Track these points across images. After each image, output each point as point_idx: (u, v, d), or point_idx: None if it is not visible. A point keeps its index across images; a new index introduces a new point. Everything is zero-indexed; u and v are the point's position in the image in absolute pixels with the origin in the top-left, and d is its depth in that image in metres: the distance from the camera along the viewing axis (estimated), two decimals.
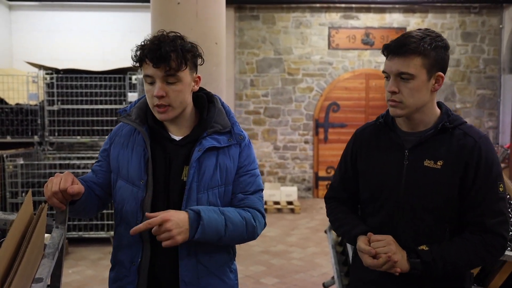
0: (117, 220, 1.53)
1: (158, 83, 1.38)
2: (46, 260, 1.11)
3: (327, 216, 1.70)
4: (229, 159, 1.49)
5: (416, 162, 1.44)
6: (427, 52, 1.38)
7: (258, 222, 1.50)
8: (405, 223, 1.44)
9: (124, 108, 1.55)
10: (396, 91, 1.40)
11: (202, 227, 1.35)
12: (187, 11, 3.00)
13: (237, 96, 7.57)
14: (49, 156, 5.31)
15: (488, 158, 1.40)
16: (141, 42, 1.43)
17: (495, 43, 7.52)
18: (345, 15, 7.45)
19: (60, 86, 5.17)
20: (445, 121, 1.45)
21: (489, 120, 7.63)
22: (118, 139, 1.54)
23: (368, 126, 1.62)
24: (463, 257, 1.37)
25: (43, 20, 7.18)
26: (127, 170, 1.47)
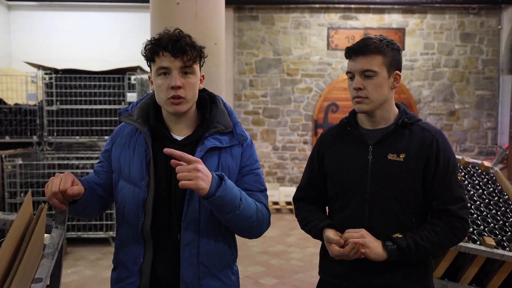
0: (118, 221, 1.53)
1: (175, 74, 1.40)
2: (45, 260, 1.11)
3: (295, 217, 1.77)
4: (232, 159, 1.49)
5: (380, 156, 1.56)
6: (386, 52, 1.53)
7: (265, 214, 1.51)
8: (374, 215, 1.54)
9: (126, 108, 1.55)
10: (361, 87, 1.53)
11: (223, 187, 1.33)
12: (186, 11, 3.00)
13: (236, 96, 7.57)
14: (48, 156, 5.31)
15: (445, 150, 1.55)
16: (152, 39, 1.44)
17: (493, 44, 7.53)
18: (344, 16, 7.46)
19: (59, 86, 5.17)
20: (404, 118, 1.58)
21: (488, 121, 7.64)
22: (120, 140, 1.54)
23: (333, 128, 1.74)
24: (433, 241, 1.48)
25: (42, 20, 7.17)
26: (129, 171, 1.47)
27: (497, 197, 2.52)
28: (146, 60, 1.47)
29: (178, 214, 1.44)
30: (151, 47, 1.41)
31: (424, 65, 7.52)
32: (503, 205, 2.47)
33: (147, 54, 1.43)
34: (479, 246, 2.10)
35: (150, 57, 1.42)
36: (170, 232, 1.45)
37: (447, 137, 1.64)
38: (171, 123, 1.49)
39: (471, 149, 7.63)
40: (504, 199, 2.52)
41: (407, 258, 1.48)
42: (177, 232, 1.44)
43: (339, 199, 1.62)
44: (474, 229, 2.22)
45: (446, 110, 7.57)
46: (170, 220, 1.45)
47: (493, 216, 2.37)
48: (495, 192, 2.56)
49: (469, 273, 2.16)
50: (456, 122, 7.61)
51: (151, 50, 1.41)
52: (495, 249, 2.10)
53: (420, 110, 7.53)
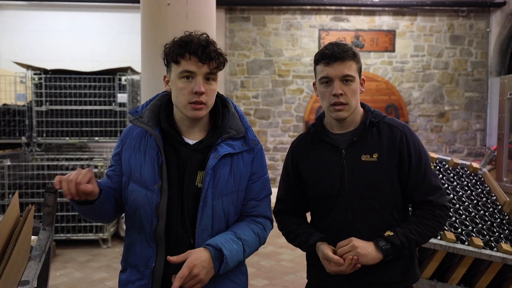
0: (129, 224, 1.51)
1: (200, 79, 1.39)
2: (32, 263, 1.10)
3: (279, 230, 1.74)
4: (243, 165, 1.49)
5: (353, 159, 1.57)
6: (357, 58, 1.57)
7: (268, 230, 1.57)
8: (357, 217, 1.56)
9: (135, 109, 1.52)
10: (342, 93, 1.53)
11: (225, 264, 1.39)
12: (177, 12, 2.99)
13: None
14: (37, 157, 5.26)
15: (415, 143, 1.58)
16: (179, 40, 1.41)
17: (482, 46, 7.62)
18: (335, 18, 7.50)
19: (49, 87, 5.13)
20: (371, 117, 1.60)
21: (477, 122, 7.72)
22: (129, 142, 1.51)
23: (302, 137, 1.73)
24: (422, 232, 1.52)
25: (32, 20, 7.11)
26: (140, 174, 1.45)
27: (485, 198, 2.55)
28: (168, 60, 1.44)
29: (191, 218, 1.44)
30: (177, 49, 1.39)
31: (414, 67, 7.59)
32: (491, 206, 2.50)
33: (171, 55, 1.41)
34: (467, 246, 2.12)
35: (175, 58, 1.40)
36: (184, 236, 1.44)
37: (436, 138, 1.65)
38: (184, 126, 1.47)
39: (460, 150, 7.70)
40: (492, 200, 2.54)
41: (401, 254, 1.52)
42: (190, 236, 1.44)
43: (322, 207, 1.63)
44: (462, 230, 2.24)
45: (436, 112, 7.64)
46: (183, 224, 1.44)
47: (481, 216, 2.39)
48: (484, 193, 2.58)
49: (458, 273, 2.18)
50: (446, 124, 7.68)
51: (177, 52, 1.39)
52: (483, 249, 2.12)
53: (411, 111, 7.59)
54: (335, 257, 1.49)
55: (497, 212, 2.47)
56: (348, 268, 1.47)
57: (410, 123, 7.55)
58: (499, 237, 2.27)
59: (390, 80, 7.56)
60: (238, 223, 1.51)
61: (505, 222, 2.41)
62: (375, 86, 7.48)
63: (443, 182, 2.52)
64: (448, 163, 2.71)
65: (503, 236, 2.28)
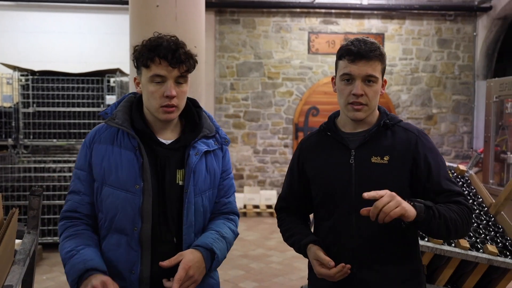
0: (104, 231, 1.46)
1: (171, 83, 1.40)
2: (16, 267, 1.08)
3: (278, 227, 1.71)
4: (216, 163, 1.55)
5: (363, 159, 1.50)
6: (383, 59, 1.50)
7: (237, 226, 1.63)
8: (361, 222, 1.46)
9: (105, 111, 1.51)
10: (363, 93, 1.46)
11: (216, 263, 1.47)
12: (166, 14, 2.98)
13: (217, 99, 7.56)
14: (23, 160, 5.19)
15: (432, 148, 1.52)
16: (147, 44, 1.41)
17: (469, 50, 7.71)
18: (325, 20, 7.53)
19: (36, 88, 5.07)
20: (385, 119, 1.53)
21: (464, 125, 7.81)
22: (99, 146, 1.48)
23: (312, 135, 1.68)
24: (451, 215, 1.39)
25: (19, 20, 7.03)
26: (117, 176, 1.43)
27: (471, 200, 2.57)
28: (138, 64, 1.44)
29: (174, 216, 1.45)
30: (147, 53, 1.39)
31: (403, 70, 7.65)
32: (477, 207, 2.53)
33: (141, 59, 1.41)
34: (454, 248, 2.13)
35: (145, 62, 1.39)
36: (167, 236, 1.45)
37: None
38: (157, 127, 1.48)
39: (448, 152, 7.78)
40: (479, 202, 2.57)
41: (431, 221, 1.34)
42: (173, 235, 1.45)
43: (325, 207, 1.56)
44: None
45: (424, 115, 7.71)
46: (166, 223, 1.45)
47: None
48: (470, 195, 2.61)
49: (445, 275, 2.20)
50: (434, 126, 7.76)
51: (147, 56, 1.39)
52: (469, 251, 2.15)
53: (399, 114, 7.65)
54: (326, 258, 1.44)
55: (483, 214, 2.49)
56: (337, 275, 1.41)
57: None
58: (485, 238, 2.29)
59: None
60: (215, 222, 1.56)
61: (491, 224, 2.43)
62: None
63: None
64: None
65: (489, 238, 2.30)
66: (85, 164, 1.48)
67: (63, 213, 1.48)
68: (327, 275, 1.44)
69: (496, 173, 5.22)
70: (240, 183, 7.63)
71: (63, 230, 1.45)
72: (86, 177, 1.47)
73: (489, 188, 4.63)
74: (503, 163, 5.13)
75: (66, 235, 1.44)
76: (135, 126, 1.46)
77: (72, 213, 1.46)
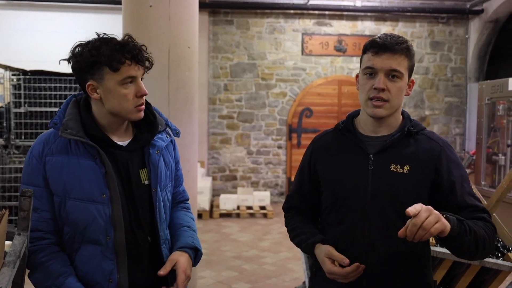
0: (76, 244, 1.39)
1: (140, 82, 1.40)
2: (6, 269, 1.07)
3: (285, 226, 1.64)
4: (169, 156, 1.57)
5: (381, 167, 1.39)
6: (411, 55, 1.39)
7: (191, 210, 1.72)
8: (374, 231, 1.38)
9: (53, 121, 1.41)
10: (385, 88, 1.36)
11: (199, 257, 1.54)
12: (159, 14, 2.97)
13: (210, 100, 7.54)
14: (14, 160, 5.14)
15: (455, 160, 1.42)
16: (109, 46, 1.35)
17: (461, 52, 7.77)
18: (319, 22, 7.55)
19: (28, 88, 5.02)
20: (409, 126, 1.43)
21: (456, 127, 7.87)
22: (52, 158, 1.38)
23: (328, 133, 1.57)
24: (481, 232, 1.30)
25: (10, 19, 6.97)
26: (81, 188, 1.36)
27: None
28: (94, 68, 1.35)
29: (146, 217, 1.46)
30: (116, 55, 1.33)
31: None
32: None
33: (105, 62, 1.33)
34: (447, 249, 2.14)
35: (113, 66, 1.33)
36: (142, 236, 1.44)
37: None
38: (112, 130, 1.43)
39: None
40: None
41: (463, 236, 1.25)
42: (147, 234, 1.46)
43: (334, 212, 1.47)
44: None
45: (417, 116, 7.75)
46: (139, 224, 1.43)
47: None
48: None
49: (437, 276, 2.21)
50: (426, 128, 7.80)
51: (116, 59, 1.33)
52: None
53: None
54: (340, 255, 1.35)
55: None
56: (351, 274, 1.32)
57: None
58: None
59: None
60: (178, 214, 1.63)
61: None
62: (357, 90, 7.54)
63: None
64: None
65: None
66: (38, 179, 1.38)
67: None
68: (340, 273, 1.34)
69: (488, 174, 5.26)
70: (233, 184, 7.62)
71: (30, 254, 1.35)
72: (42, 192, 1.38)
73: (481, 190, 4.66)
74: (495, 165, 5.17)
75: (36, 263, 1.35)
76: (90, 132, 1.39)
77: (34, 233, 1.36)
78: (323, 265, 1.39)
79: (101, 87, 1.37)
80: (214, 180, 7.58)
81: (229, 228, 5.99)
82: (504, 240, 2.36)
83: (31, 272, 1.38)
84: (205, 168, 7.42)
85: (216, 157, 7.60)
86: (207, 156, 7.56)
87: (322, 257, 1.41)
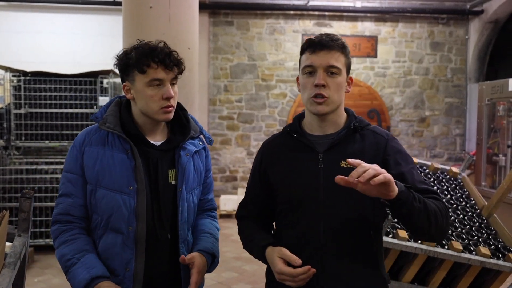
0: (101, 230, 1.49)
1: (168, 85, 1.47)
2: (6, 270, 1.07)
3: (239, 235, 1.61)
4: (200, 163, 1.63)
5: (331, 164, 1.41)
6: (347, 52, 1.44)
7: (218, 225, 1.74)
8: (329, 230, 1.39)
9: (95, 115, 1.55)
10: (325, 84, 1.39)
11: (215, 264, 1.60)
12: (159, 15, 2.97)
13: (210, 101, 7.54)
14: (15, 161, 5.14)
15: (400, 150, 1.45)
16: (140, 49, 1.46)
17: (461, 53, 7.77)
18: (318, 23, 7.55)
19: (28, 89, 5.02)
20: (355, 122, 1.47)
21: (457, 127, 7.86)
22: (90, 149, 1.51)
23: (276, 137, 1.59)
24: (432, 205, 1.31)
25: (11, 20, 6.97)
26: (111, 178, 1.47)
27: (464, 202, 2.59)
28: (128, 71, 1.48)
29: (168, 214, 1.52)
30: (143, 59, 1.44)
31: (396, 73, 7.69)
32: (470, 210, 2.54)
33: (134, 66, 1.45)
34: (447, 250, 2.14)
35: (141, 68, 1.44)
36: (162, 233, 1.51)
37: (418, 143, 1.57)
38: (147, 130, 1.54)
39: (440, 155, 7.82)
40: (471, 204, 2.58)
41: (413, 203, 1.25)
42: (167, 232, 1.52)
43: (289, 214, 1.45)
44: None
45: (417, 117, 7.75)
46: (161, 221, 1.51)
47: (460, 221, 2.42)
48: (463, 197, 2.62)
49: (438, 277, 2.21)
50: (427, 129, 7.80)
51: (143, 62, 1.44)
52: (462, 253, 2.15)
53: (392, 116, 7.69)
54: (293, 255, 1.34)
55: (476, 216, 2.50)
56: (302, 276, 1.30)
57: (392, 128, 7.64)
58: (477, 241, 2.30)
59: (372, 85, 7.64)
60: (204, 221, 1.67)
61: (483, 226, 2.45)
62: (357, 91, 7.55)
63: None
64: (428, 168, 2.74)
65: (482, 240, 2.31)
66: (76, 167, 1.50)
67: (55, 216, 1.50)
68: (290, 273, 1.32)
69: (488, 175, 5.25)
70: (233, 185, 7.61)
71: (58, 234, 1.48)
72: (77, 180, 1.50)
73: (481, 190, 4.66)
74: (495, 165, 5.16)
75: (62, 240, 1.47)
76: (126, 129, 1.51)
77: (64, 216, 1.49)
78: (274, 266, 1.37)
79: (133, 88, 1.49)
80: (215, 181, 7.58)
81: (229, 229, 5.99)
82: (504, 240, 2.36)
83: (57, 248, 1.48)
84: None
85: (216, 158, 7.60)
86: None
87: (273, 258, 1.38)
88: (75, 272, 1.40)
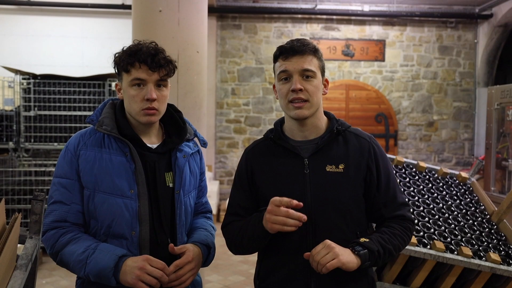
0: (100, 238, 1.44)
1: (151, 86, 1.44)
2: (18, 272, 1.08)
3: (226, 243, 1.53)
4: (195, 165, 1.62)
5: (317, 169, 1.43)
6: (319, 55, 1.47)
7: (213, 225, 1.73)
8: (318, 234, 1.40)
9: (90, 117, 1.50)
10: (302, 88, 1.41)
11: (212, 256, 1.56)
12: (168, 19, 2.99)
13: (218, 104, 7.56)
14: (24, 163, 5.18)
15: (383, 156, 1.50)
16: (127, 49, 1.47)
17: (470, 57, 7.73)
18: (326, 27, 7.55)
19: (37, 92, 5.07)
20: (337, 125, 1.49)
21: (465, 132, 7.81)
22: (85, 152, 1.46)
23: (259, 143, 1.57)
24: (395, 244, 1.43)
25: (21, 24, 7.05)
26: (111, 182, 1.43)
27: (474, 208, 2.56)
28: (118, 69, 1.49)
29: (167, 217, 1.50)
30: (127, 58, 1.44)
31: (404, 77, 7.66)
32: (479, 215, 2.52)
33: (121, 64, 1.46)
34: (457, 256, 2.12)
35: (125, 67, 1.44)
36: (162, 237, 1.49)
37: (425, 147, 1.60)
38: (140, 132, 1.51)
39: (449, 159, 7.77)
40: (481, 210, 2.56)
41: (376, 262, 1.39)
42: (167, 236, 1.50)
43: None
44: (451, 239, 2.25)
45: (425, 121, 7.71)
46: (161, 224, 1.48)
47: (470, 226, 2.40)
48: (472, 203, 2.60)
49: (447, 283, 2.18)
50: (435, 133, 7.75)
51: (127, 61, 1.43)
52: (472, 259, 2.13)
53: (400, 120, 7.65)
54: (288, 198, 1.31)
55: (486, 222, 2.48)
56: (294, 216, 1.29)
57: (400, 132, 7.61)
58: (487, 246, 2.28)
59: (380, 89, 7.62)
60: (198, 221, 1.65)
61: (493, 232, 2.42)
62: (365, 95, 7.53)
63: (432, 192, 2.53)
64: (437, 173, 2.73)
65: (492, 246, 2.29)
66: (71, 171, 1.45)
67: (50, 224, 1.42)
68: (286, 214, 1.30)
69: (497, 180, 5.21)
70: None
71: (58, 237, 1.41)
72: (73, 185, 1.44)
73: (491, 196, 4.62)
74: (505, 170, 5.12)
75: (65, 241, 1.40)
76: (123, 131, 1.48)
77: (61, 223, 1.42)
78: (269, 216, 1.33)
79: (122, 88, 1.50)
80: (221, 184, 7.58)
81: None
82: None
83: (60, 251, 1.41)
84: (212, 172, 7.43)
85: (223, 161, 7.61)
86: (214, 160, 7.57)
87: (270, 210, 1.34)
88: (96, 259, 1.34)
